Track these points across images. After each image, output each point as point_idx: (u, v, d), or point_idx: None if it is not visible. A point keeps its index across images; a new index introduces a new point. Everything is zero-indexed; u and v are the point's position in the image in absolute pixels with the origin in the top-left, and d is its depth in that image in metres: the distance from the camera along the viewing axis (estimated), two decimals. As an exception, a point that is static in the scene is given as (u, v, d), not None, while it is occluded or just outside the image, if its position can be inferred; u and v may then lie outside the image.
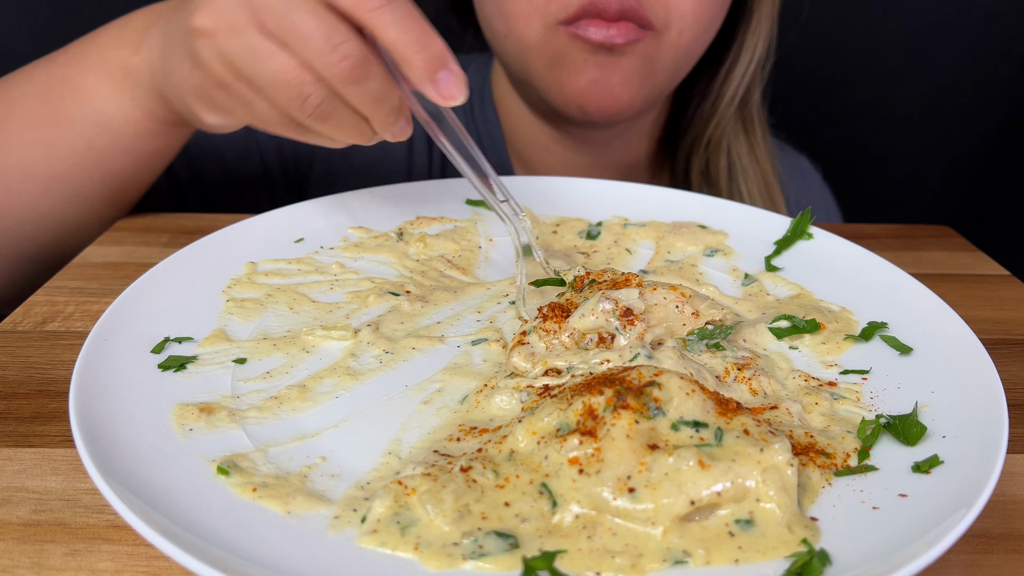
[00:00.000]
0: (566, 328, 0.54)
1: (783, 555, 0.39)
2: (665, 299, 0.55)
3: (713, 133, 1.02)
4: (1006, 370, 0.57)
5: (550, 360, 0.52)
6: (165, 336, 0.56)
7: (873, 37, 1.35)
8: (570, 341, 0.54)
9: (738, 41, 0.97)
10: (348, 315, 0.62)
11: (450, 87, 0.54)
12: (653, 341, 0.54)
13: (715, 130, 1.01)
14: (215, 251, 0.66)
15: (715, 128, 1.01)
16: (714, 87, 1.00)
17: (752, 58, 0.97)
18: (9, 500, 0.45)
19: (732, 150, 1.02)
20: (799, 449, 0.46)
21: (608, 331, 0.53)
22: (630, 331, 0.53)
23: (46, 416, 0.52)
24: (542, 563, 0.39)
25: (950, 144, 1.43)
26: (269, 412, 0.50)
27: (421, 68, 0.53)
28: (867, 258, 0.68)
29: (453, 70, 0.54)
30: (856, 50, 1.36)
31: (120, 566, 0.41)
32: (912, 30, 1.34)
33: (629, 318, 0.53)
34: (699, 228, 0.74)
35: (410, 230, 0.75)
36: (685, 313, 0.56)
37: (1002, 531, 0.45)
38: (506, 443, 0.46)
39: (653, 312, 0.55)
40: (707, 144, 1.03)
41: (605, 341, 0.53)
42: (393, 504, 0.41)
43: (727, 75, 0.99)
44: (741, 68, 0.98)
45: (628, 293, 0.54)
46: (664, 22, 0.85)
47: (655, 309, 0.55)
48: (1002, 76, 1.37)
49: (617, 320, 0.53)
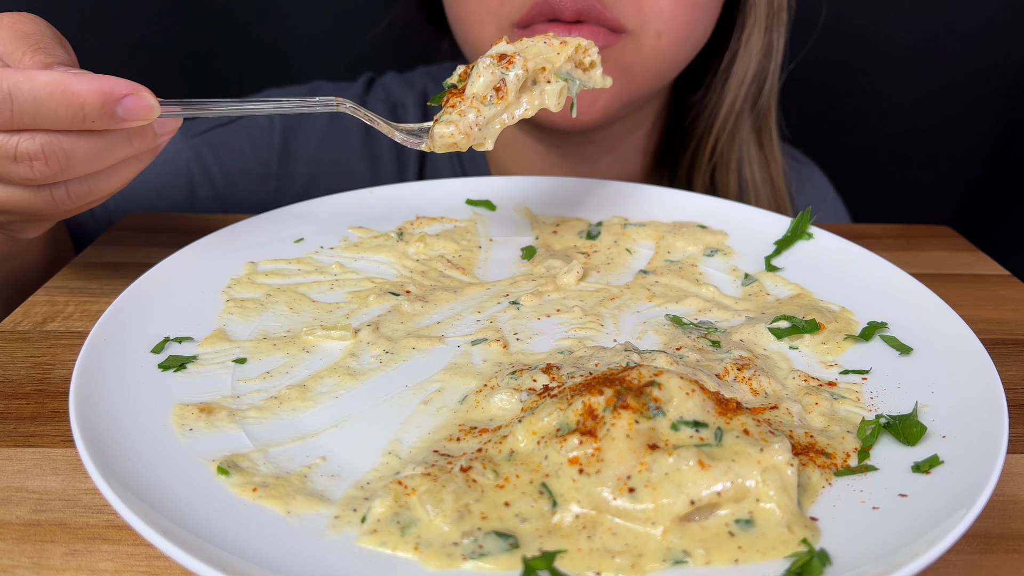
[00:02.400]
0: (467, 98, 0.62)
1: (783, 555, 0.39)
2: (533, 41, 0.64)
3: (717, 143, 0.97)
4: (1006, 370, 0.58)
5: (464, 127, 0.60)
6: (165, 336, 0.56)
7: (872, 37, 1.35)
8: (475, 106, 0.61)
9: (731, 49, 0.93)
10: (348, 315, 0.62)
11: (136, 111, 0.51)
12: (534, 73, 0.62)
13: (718, 140, 0.97)
14: (215, 251, 0.66)
15: (717, 138, 0.97)
16: (710, 98, 0.96)
17: (748, 67, 0.93)
18: (9, 500, 0.45)
19: (744, 166, 0.98)
20: (799, 449, 0.46)
21: (497, 82, 0.61)
22: (513, 69, 0.61)
23: (46, 416, 0.52)
24: (542, 563, 0.39)
25: (950, 144, 1.43)
26: (269, 412, 0.50)
27: (95, 107, 0.50)
28: (867, 258, 0.68)
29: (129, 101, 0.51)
30: (855, 50, 1.36)
31: (120, 566, 0.41)
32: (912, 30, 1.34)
33: (506, 61, 0.62)
34: (699, 228, 0.74)
35: (410, 230, 0.75)
36: (554, 44, 0.64)
37: (1002, 531, 0.45)
38: (506, 443, 0.46)
39: (528, 51, 0.63)
40: (711, 158, 0.98)
41: (500, 91, 0.61)
42: (393, 504, 0.41)
43: (723, 85, 0.95)
44: (737, 78, 0.94)
45: (499, 46, 0.63)
46: (637, 24, 0.80)
47: (528, 48, 0.63)
48: (1002, 76, 1.37)
49: (499, 67, 0.60)
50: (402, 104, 1.07)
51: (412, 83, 1.09)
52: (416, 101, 1.07)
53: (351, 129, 1.05)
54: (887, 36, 1.35)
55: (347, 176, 1.03)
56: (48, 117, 0.50)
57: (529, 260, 0.72)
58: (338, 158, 1.04)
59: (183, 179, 0.98)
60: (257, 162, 1.01)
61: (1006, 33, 1.33)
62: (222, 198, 1.00)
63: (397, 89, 1.08)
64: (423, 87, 1.09)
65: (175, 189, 0.98)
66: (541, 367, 0.53)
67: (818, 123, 1.40)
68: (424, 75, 1.11)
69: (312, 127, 1.04)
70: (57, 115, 0.49)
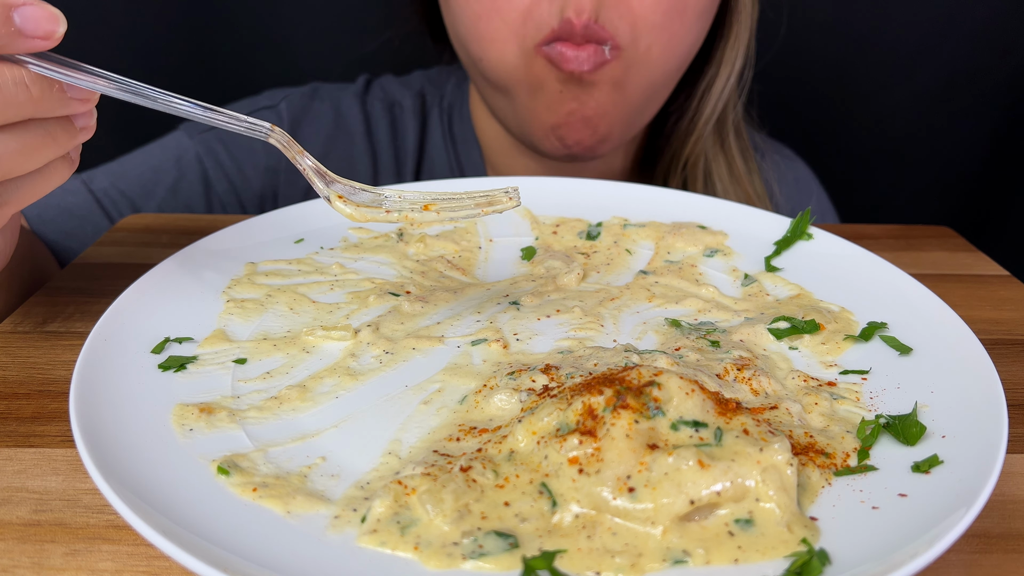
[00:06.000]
0: None
1: (783, 555, 0.39)
2: None
3: (690, 153, 0.99)
4: (1006, 370, 0.58)
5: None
6: (165, 336, 0.56)
7: (871, 37, 1.35)
8: None
9: (716, 58, 0.94)
10: (348, 315, 0.62)
11: (37, 20, 0.45)
12: None
13: (692, 149, 0.98)
14: (215, 251, 0.66)
15: (692, 147, 0.98)
16: (691, 104, 0.97)
17: (731, 73, 0.94)
18: (9, 500, 0.45)
19: (712, 171, 0.99)
20: (799, 449, 0.46)
21: None
22: None
23: (46, 416, 0.52)
24: (542, 563, 0.39)
25: (949, 144, 1.43)
26: (269, 412, 0.50)
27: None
28: (867, 258, 0.68)
29: (27, 10, 0.45)
30: (854, 50, 1.36)
31: (120, 566, 0.41)
32: (911, 30, 1.34)
33: None
34: (699, 228, 0.74)
35: (410, 230, 0.75)
36: None
37: (1002, 531, 0.45)
38: (506, 443, 0.46)
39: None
40: (684, 165, 1.00)
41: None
42: (393, 504, 0.41)
43: (706, 91, 0.96)
44: (720, 83, 0.95)
45: None
46: (629, 38, 0.81)
47: None
48: (1002, 76, 1.37)
49: None
50: (399, 104, 1.07)
51: (410, 84, 1.10)
52: (413, 102, 1.07)
53: (354, 126, 1.05)
54: (887, 36, 1.35)
55: (351, 173, 1.03)
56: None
57: (529, 260, 0.72)
58: (343, 154, 1.04)
59: (196, 174, 0.98)
60: (267, 154, 1.01)
61: (1006, 33, 1.33)
62: (237, 191, 1.00)
63: (395, 90, 1.09)
64: (420, 88, 1.09)
65: (189, 185, 0.98)
66: (540, 367, 0.53)
67: (818, 123, 1.40)
68: (421, 78, 1.12)
69: (318, 122, 1.04)
70: None
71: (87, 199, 0.91)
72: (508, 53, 0.84)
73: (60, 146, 0.50)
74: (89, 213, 0.91)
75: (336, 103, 1.06)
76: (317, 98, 1.06)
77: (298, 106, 1.05)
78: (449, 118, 1.07)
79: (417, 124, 1.06)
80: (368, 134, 1.05)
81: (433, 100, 1.08)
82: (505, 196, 0.57)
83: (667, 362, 0.53)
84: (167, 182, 0.97)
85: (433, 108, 1.08)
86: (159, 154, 0.98)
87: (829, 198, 1.16)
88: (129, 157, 0.98)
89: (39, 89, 0.47)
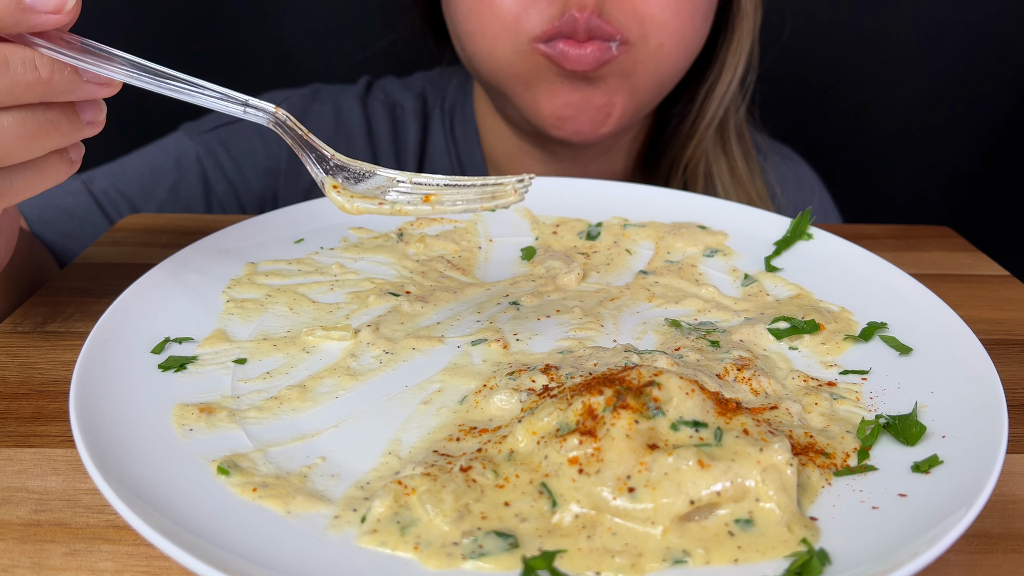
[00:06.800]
0: None
1: (783, 555, 0.39)
2: None
3: (692, 155, 0.99)
4: (1006, 370, 0.57)
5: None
6: (165, 336, 0.56)
7: (871, 37, 1.35)
8: None
9: (719, 60, 0.95)
10: (348, 315, 0.62)
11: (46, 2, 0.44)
12: None
13: (694, 152, 0.98)
14: (215, 251, 0.66)
15: (694, 150, 0.98)
16: (694, 106, 0.97)
17: (733, 76, 0.95)
18: (9, 500, 0.45)
19: (714, 173, 0.99)
20: (799, 449, 0.46)
21: None
22: None
23: (46, 416, 0.52)
24: (542, 563, 0.39)
25: (949, 144, 1.43)
26: (269, 412, 0.50)
27: None
28: (867, 258, 0.68)
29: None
30: (854, 50, 1.36)
31: (120, 566, 0.41)
32: (911, 30, 1.34)
33: None
34: (699, 228, 0.74)
35: (410, 230, 0.75)
36: None
37: (1002, 531, 0.45)
38: (506, 443, 0.46)
39: None
40: (685, 167, 1.00)
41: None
42: (393, 504, 0.41)
43: (708, 94, 0.96)
44: (722, 87, 0.95)
45: None
46: (639, 35, 0.82)
47: None
48: (1002, 76, 1.37)
49: None
50: (400, 106, 1.07)
51: (411, 86, 1.10)
52: (414, 103, 1.07)
53: (355, 127, 1.05)
54: (887, 37, 1.35)
55: None
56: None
57: (529, 261, 0.72)
58: (345, 153, 1.04)
59: (196, 176, 0.99)
60: (267, 156, 1.01)
61: (1006, 33, 1.33)
62: (237, 192, 1.00)
63: (396, 91, 1.09)
64: (421, 89, 1.09)
65: (188, 186, 0.98)
66: (540, 367, 0.53)
67: (817, 124, 1.40)
68: (423, 79, 1.12)
69: (318, 122, 1.04)
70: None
71: (86, 200, 0.91)
72: (499, 48, 0.84)
73: (62, 136, 0.49)
74: (88, 214, 0.91)
75: (337, 104, 1.06)
76: (318, 99, 1.06)
77: (298, 107, 1.05)
78: (451, 119, 1.07)
79: (418, 125, 1.06)
80: (369, 135, 1.05)
81: (435, 101, 1.08)
82: (511, 189, 0.57)
83: (667, 362, 0.53)
84: (167, 183, 0.97)
85: (435, 109, 1.08)
86: (159, 155, 0.98)
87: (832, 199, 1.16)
88: (129, 158, 0.98)
89: (49, 71, 0.46)
